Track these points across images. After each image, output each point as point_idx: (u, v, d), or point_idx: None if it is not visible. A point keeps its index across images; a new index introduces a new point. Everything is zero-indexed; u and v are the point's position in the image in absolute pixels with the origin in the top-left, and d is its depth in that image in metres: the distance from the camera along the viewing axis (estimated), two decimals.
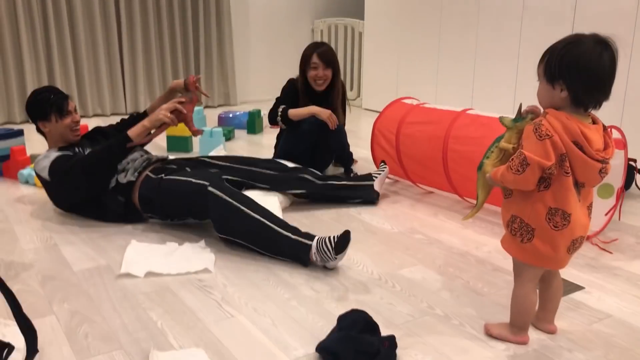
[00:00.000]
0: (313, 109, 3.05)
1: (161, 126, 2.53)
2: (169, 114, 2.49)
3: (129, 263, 2.10)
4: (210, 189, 2.23)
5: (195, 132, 2.59)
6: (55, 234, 2.44)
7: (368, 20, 5.57)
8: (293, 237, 2.12)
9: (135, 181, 2.48)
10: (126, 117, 2.89)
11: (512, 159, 1.49)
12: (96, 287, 1.96)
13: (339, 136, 3.17)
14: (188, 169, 2.59)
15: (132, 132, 2.49)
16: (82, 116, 5.22)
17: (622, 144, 2.46)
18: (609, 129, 2.35)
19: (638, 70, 3.44)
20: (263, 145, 4.22)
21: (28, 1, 4.79)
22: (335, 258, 2.05)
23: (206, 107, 5.87)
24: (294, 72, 3.29)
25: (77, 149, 2.60)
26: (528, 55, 4.11)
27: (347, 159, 3.29)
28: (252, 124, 4.54)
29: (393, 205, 2.86)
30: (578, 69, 1.43)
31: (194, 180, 2.31)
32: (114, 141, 2.48)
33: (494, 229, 2.53)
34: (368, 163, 3.58)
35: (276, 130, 3.46)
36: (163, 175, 2.44)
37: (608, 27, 3.54)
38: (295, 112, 3.09)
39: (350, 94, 6.10)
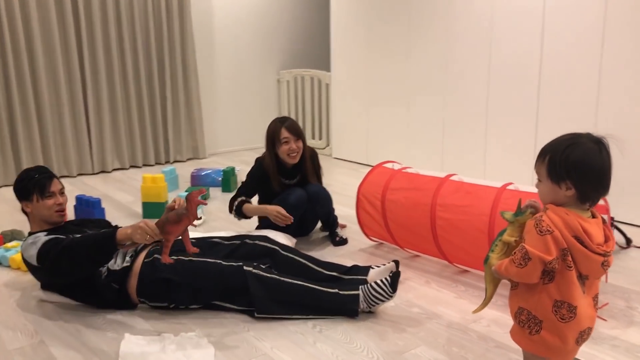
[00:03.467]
0: (265, 209, 2.99)
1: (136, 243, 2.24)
2: (147, 237, 2.12)
3: None
4: (246, 268, 2.32)
5: (192, 252, 2.21)
6: (40, 328, 2.30)
7: (335, 72, 5.63)
8: (340, 293, 2.32)
9: (131, 266, 2.39)
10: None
11: (515, 253, 1.53)
12: None
13: (326, 205, 3.17)
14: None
15: (120, 232, 2.20)
16: None
17: (605, 209, 2.52)
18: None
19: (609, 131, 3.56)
20: None
21: None
22: (392, 295, 2.30)
23: (175, 162, 5.77)
24: (261, 122, 3.23)
25: (66, 235, 2.47)
26: (496, 105, 4.22)
27: (332, 224, 3.28)
28: (227, 182, 4.48)
29: None
30: (584, 169, 1.48)
31: (224, 262, 2.36)
32: (100, 241, 2.22)
33: None
34: (349, 222, 3.55)
35: None
36: (190, 257, 2.37)
37: (574, 80, 3.67)
38: (249, 209, 3.08)
39: (319, 143, 6.11)
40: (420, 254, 3.02)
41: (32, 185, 2.48)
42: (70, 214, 3.78)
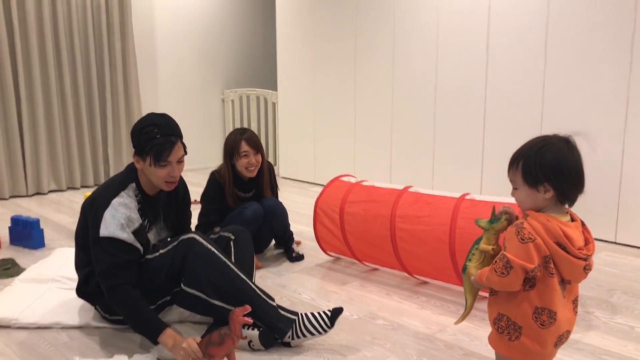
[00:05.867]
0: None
1: None
2: (190, 359, 1.92)
3: None
4: (195, 236, 2.12)
5: None
6: None
7: (282, 91, 5.61)
8: (280, 311, 2.12)
9: None
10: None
11: (496, 261, 1.50)
12: None
13: (282, 219, 3.10)
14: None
15: (165, 337, 1.97)
16: None
17: None
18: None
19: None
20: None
21: None
22: (327, 330, 2.09)
23: None
24: (205, 143, 3.08)
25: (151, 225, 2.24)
26: (443, 117, 4.31)
27: (288, 240, 3.21)
28: None
29: (343, 287, 2.79)
30: (560, 169, 1.48)
31: (164, 250, 2.16)
32: (145, 326, 2.01)
33: (449, 307, 2.53)
34: (303, 239, 3.50)
35: (198, 206, 3.16)
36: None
37: (518, 95, 3.79)
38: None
39: None
40: (379, 267, 2.99)
41: (150, 147, 2.12)
42: (4, 237, 3.56)
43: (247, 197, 3.09)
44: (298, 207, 4.41)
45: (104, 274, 2.03)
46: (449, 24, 4.15)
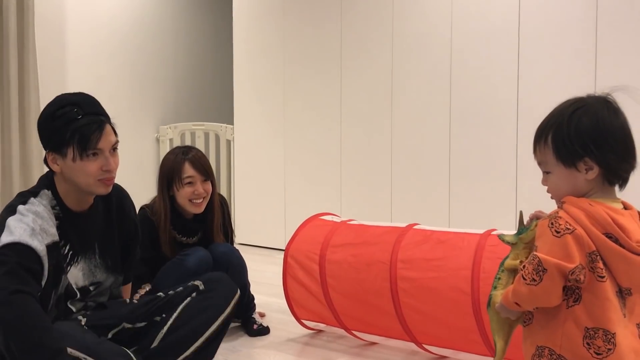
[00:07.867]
0: None
1: None
2: None
3: None
4: None
5: None
6: None
7: (240, 124, 5.69)
8: None
9: None
10: None
11: (525, 266, 1.51)
12: None
13: (240, 274, 3.10)
14: None
15: None
16: None
17: None
18: None
19: None
20: None
21: None
22: None
23: None
24: (133, 198, 2.97)
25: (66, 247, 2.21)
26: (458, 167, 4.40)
27: (247, 306, 3.18)
28: None
29: None
30: (603, 136, 1.50)
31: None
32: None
33: None
34: (274, 312, 3.46)
35: None
36: None
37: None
38: None
39: None
40: (376, 340, 2.97)
41: (71, 132, 2.07)
42: None
43: (190, 242, 3.09)
44: (262, 277, 4.38)
45: (6, 276, 1.94)
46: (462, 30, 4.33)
